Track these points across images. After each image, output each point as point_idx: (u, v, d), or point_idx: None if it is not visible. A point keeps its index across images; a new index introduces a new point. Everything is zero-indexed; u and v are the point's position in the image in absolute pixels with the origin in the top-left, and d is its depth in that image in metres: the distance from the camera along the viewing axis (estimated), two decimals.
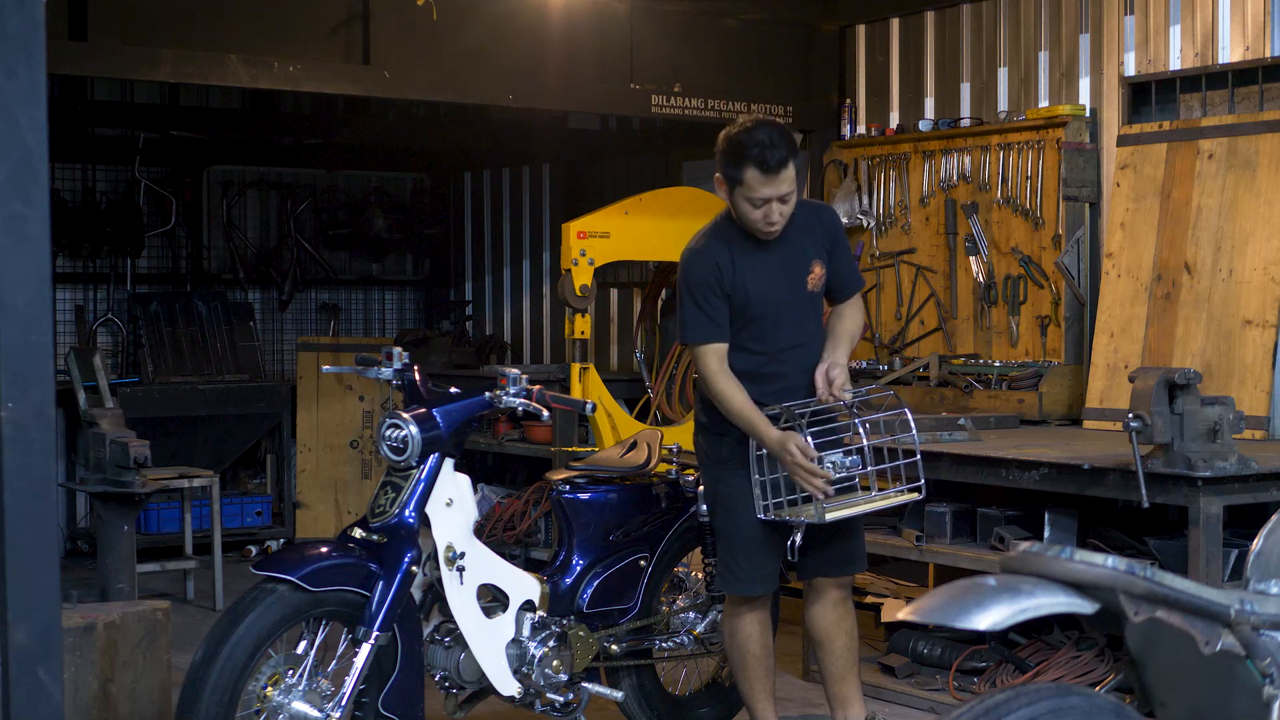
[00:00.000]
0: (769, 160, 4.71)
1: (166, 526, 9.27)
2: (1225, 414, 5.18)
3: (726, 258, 4.91)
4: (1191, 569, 5.15)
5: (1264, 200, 6.23)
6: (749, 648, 5.10)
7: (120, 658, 5.06)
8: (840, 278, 5.07)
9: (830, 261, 5.01)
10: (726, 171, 4.82)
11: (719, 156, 4.84)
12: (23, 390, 2.31)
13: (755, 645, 5.10)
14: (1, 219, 2.29)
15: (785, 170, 4.75)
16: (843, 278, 5.09)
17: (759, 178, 4.73)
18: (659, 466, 5.56)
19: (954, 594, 2.98)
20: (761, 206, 4.78)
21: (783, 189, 4.76)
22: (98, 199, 9.98)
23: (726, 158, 4.80)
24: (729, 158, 4.79)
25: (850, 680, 5.16)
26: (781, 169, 4.74)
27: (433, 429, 4.79)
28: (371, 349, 6.13)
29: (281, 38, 6.66)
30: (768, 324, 4.94)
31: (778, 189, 4.75)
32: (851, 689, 5.16)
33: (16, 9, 2.29)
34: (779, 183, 4.75)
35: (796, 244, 4.96)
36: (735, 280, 4.91)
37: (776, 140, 4.74)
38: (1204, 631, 2.98)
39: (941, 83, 7.73)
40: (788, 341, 4.96)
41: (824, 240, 5.01)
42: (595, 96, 7.62)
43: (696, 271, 4.92)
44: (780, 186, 4.75)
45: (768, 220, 4.81)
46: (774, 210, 4.79)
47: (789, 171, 4.77)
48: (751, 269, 4.92)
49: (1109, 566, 2.94)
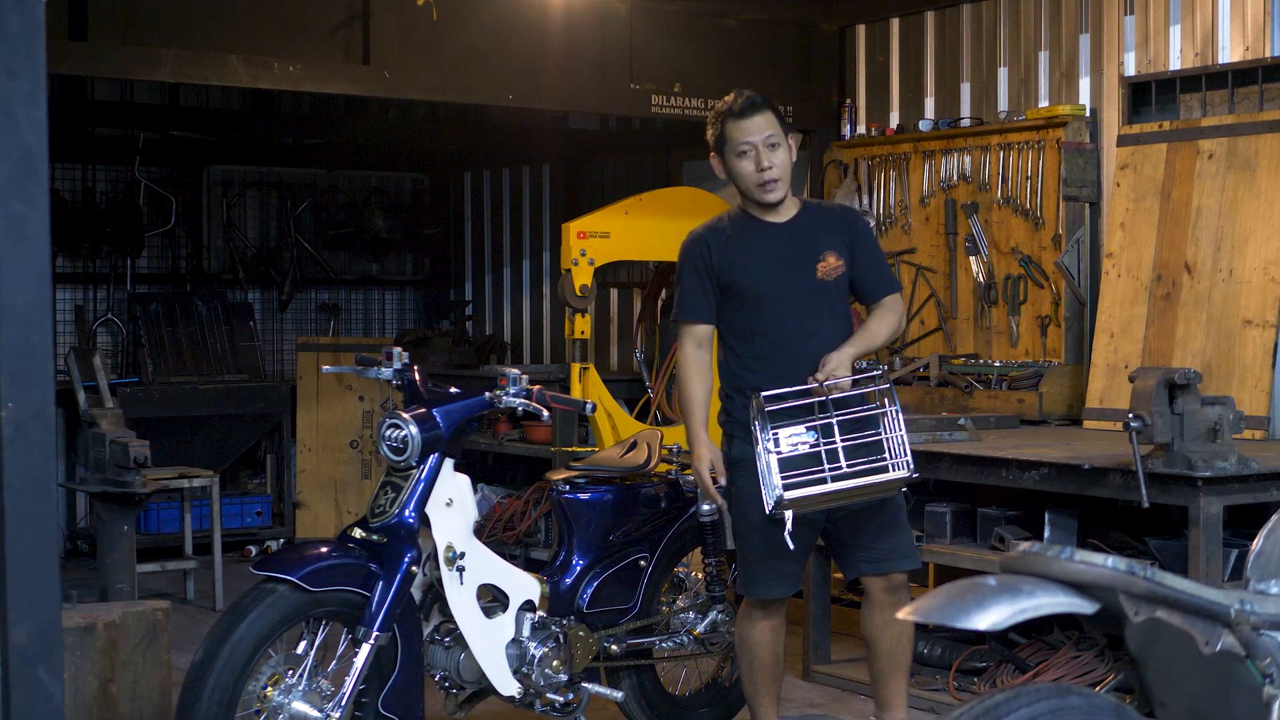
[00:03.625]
0: (739, 107, 4.90)
1: (166, 526, 9.27)
2: (1225, 414, 5.18)
3: (719, 239, 5.00)
4: (1191, 569, 5.15)
5: (1264, 200, 6.23)
6: (758, 654, 5.06)
7: (120, 658, 5.06)
8: (865, 279, 5.04)
9: (854, 261, 5.00)
10: (715, 142, 4.98)
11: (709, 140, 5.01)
12: (23, 390, 2.31)
13: (764, 652, 5.06)
14: (1, 219, 2.29)
15: (759, 113, 4.90)
16: (868, 279, 5.05)
17: (735, 125, 4.90)
18: (659, 466, 5.56)
19: (954, 594, 2.98)
20: (750, 154, 4.89)
21: (765, 131, 4.88)
22: (98, 199, 9.98)
23: (711, 129, 4.99)
24: (712, 127, 4.99)
25: (891, 684, 5.08)
26: (754, 111, 4.90)
27: (433, 429, 4.79)
28: (371, 349, 6.14)
29: (281, 38, 6.66)
30: (763, 307, 4.94)
31: (760, 131, 4.88)
32: (892, 692, 5.08)
33: (16, 9, 2.29)
34: (757, 125, 4.89)
35: (807, 231, 4.99)
36: (724, 260, 4.96)
37: (746, 94, 4.95)
38: (1204, 631, 2.98)
39: (941, 83, 7.73)
40: (787, 328, 4.93)
41: (844, 236, 5.01)
42: (595, 96, 7.62)
43: (687, 251, 5.05)
44: (760, 128, 4.89)
45: (759, 168, 4.88)
46: (763, 156, 4.88)
47: (766, 116, 4.91)
48: (746, 252, 4.96)
49: (1109, 566, 2.94)
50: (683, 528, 5.54)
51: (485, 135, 10.32)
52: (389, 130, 10.30)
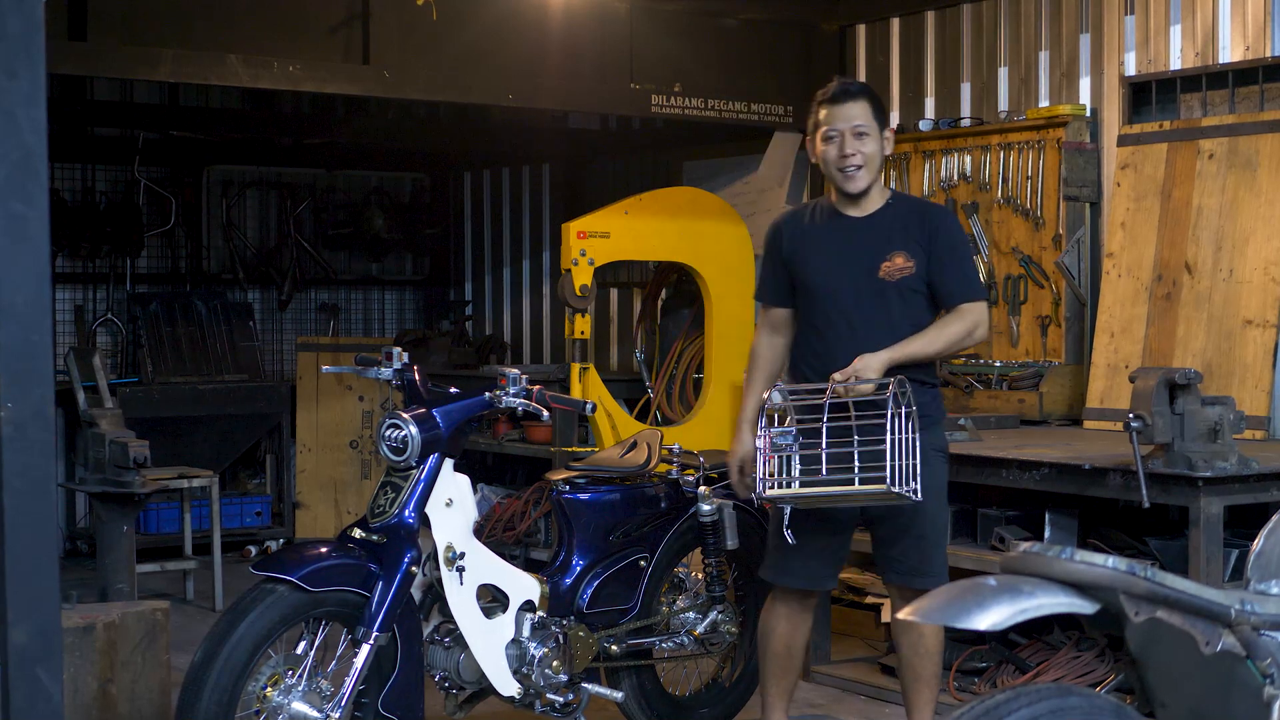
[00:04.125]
0: (832, 92, 4.92)
1: (166, 527, 9.26)
2: (1226, 414, 5.18)
3: (795, 227, 5.04)
4: (1192, 569, 5.15)
5: (1264, 200, 6.23)
6: (768, 641, 5.11)
7: (120, 658, 5.05)
8: (939, 282, 4.87)
9: (929, 262, 4.85)
10: (809, 123, 5.00)
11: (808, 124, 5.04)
12: (22, 390, 2.31)
13: (775, 640, 5.08)
14: (1, 219, 2.29)
15: (853, 101, 4.89)
16: (941, 282, 4.87)
17: (826, 110, 4.92)
18: (659, 466, 5.56)
19: (954, 594, 2.98)
20: (835, 140, 4.87)
21: (855, 120, 4.86)
22: (97, 199, 9.97)
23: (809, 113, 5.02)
24: (810, 110, 5.01)
25: (911, 693, 5.04)
26: (847, 98, 4.90)
27: (432, 429, 4.79)
28: (371, 349, 6.14)
29: (281, 38, 6.65)
30: (817, 303, 4.93)
31: (849, 119, 4.86)
32: (912, 702, 5.05)
33: (16, 9, 2.29)
34: (848, 112, 4.87)
35: (881, 229, 4.91)
36: (792, 250, 5.00)
37: (844, 80, 5.02)
38: (1204, 631, 2.98)
39: (941, 83, 7.73)
40: (836, 325, 4.88)
41: (920, 235, 4.87)
42: (595, 96, 7.61)
43: (767, 234, 5.16)
44: (850, 116, 4.86)
45: (842, 153, 4.85)
46: (847, 143, 4.85)
47: (860, 106, 4.89)
48: (815, 244, 4.97)
49: (1109, 567, 2.94)
50: (683, 528, 5.53)
51: (485, 135, 10.31)
52: (389, 130, 10.30)
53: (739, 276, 8.02)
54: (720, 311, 7.94)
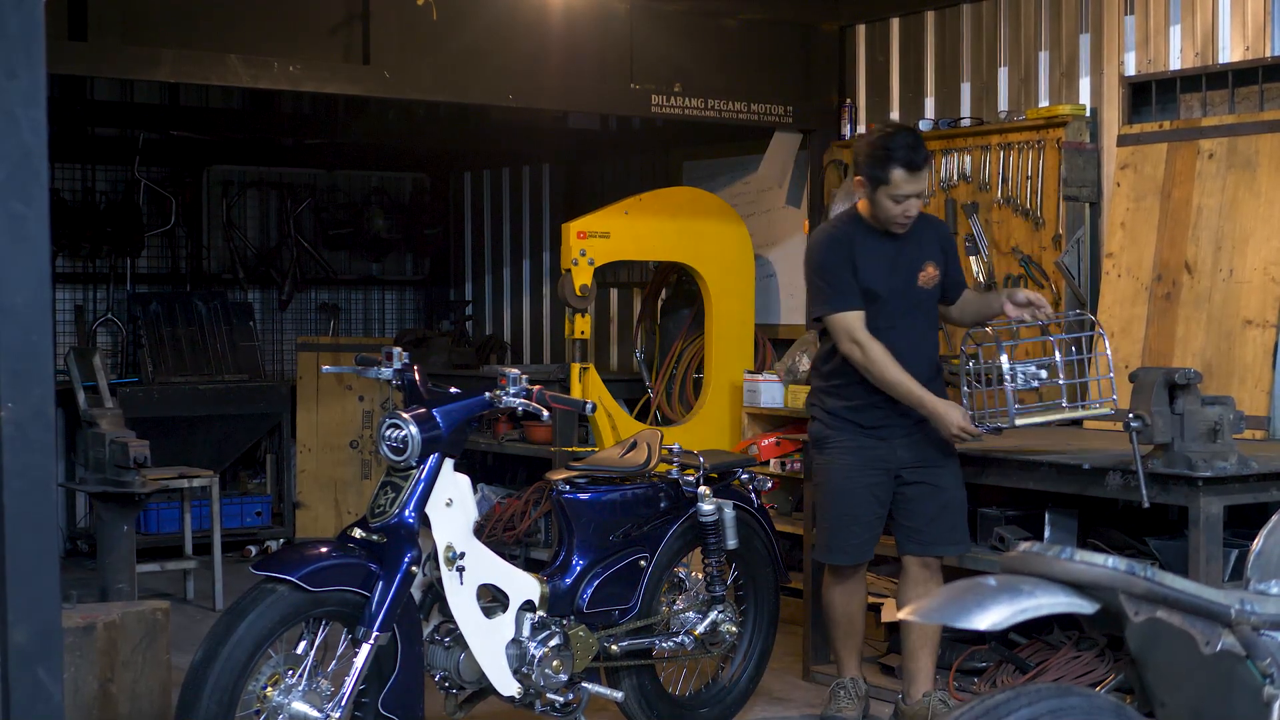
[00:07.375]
0: (915, 160, 5.37)
1: (166, 526, 9.26)
2: (1225, 414, 5.18)
3: (854, 242, 5.53)
4: (1191, 569, 5.15)
5: (1264, 200, 6.23)
6: (830, 612, 5.81)
7: (120, 658, 5.06)
8: (952, 282, 5.76)
9: (946, 267, 5.67)
10: (872, 173, 5.42)
11: (863, 160, 5.45)
12: (22, 390, 2.30)
13: (836, 611, 5.77)
14: (1, 219, 2.29)
15: (926, 169, 5.48)
16: (953, 281, 5.77)
17: (905, 176, 5.38)
18: (659, 466, 5.56)
19: (954, 594, 2.98)
20: (903, 202, 5.41)
21: (922, 186, 5.45)
22: (97, 199, 9.98)
23: (872, 160, 5.41)
24: (875, 160, 5.40)
25: (918, 658, 5.66)
26: (925, 167, 5.44)
27: (433, 429, 4.79)
28: (371, 349, 6.14)
29: (281, 38, 6.65)
30: (885, 307, 5.51)
31: (919, 186, 5.43)
32: (919, 666, 5.66)
33: (16, 9, 2.28)
34: (920, 180, 5.42)
35: (913, 243, 5.58)
36: (856, 262, 5.50)
37: (918, 144, 5.42)
38: (1204, 631, 2.98)
39: (941, 83, 7.73)
40: (892, 331, 5.49)
41: (936, 246, 5.67)
42: (595, 96, 7.61)
43: (829, 252, 5.55)
44: (921, 184, 5.44)
45: (905, 214, 5.44)
46: (912, 205, 5.44)
47: (926, 173, 5.50)
48: (869, 256, 5.52)
49: (1109, 566, 2.94)
50: (683, 527, 5.54)
51: (485, 135, 10.31)
52: (389, 130, 10.30)
53: (739, 276, 8.03)
54: (720, 311, 7.94)
